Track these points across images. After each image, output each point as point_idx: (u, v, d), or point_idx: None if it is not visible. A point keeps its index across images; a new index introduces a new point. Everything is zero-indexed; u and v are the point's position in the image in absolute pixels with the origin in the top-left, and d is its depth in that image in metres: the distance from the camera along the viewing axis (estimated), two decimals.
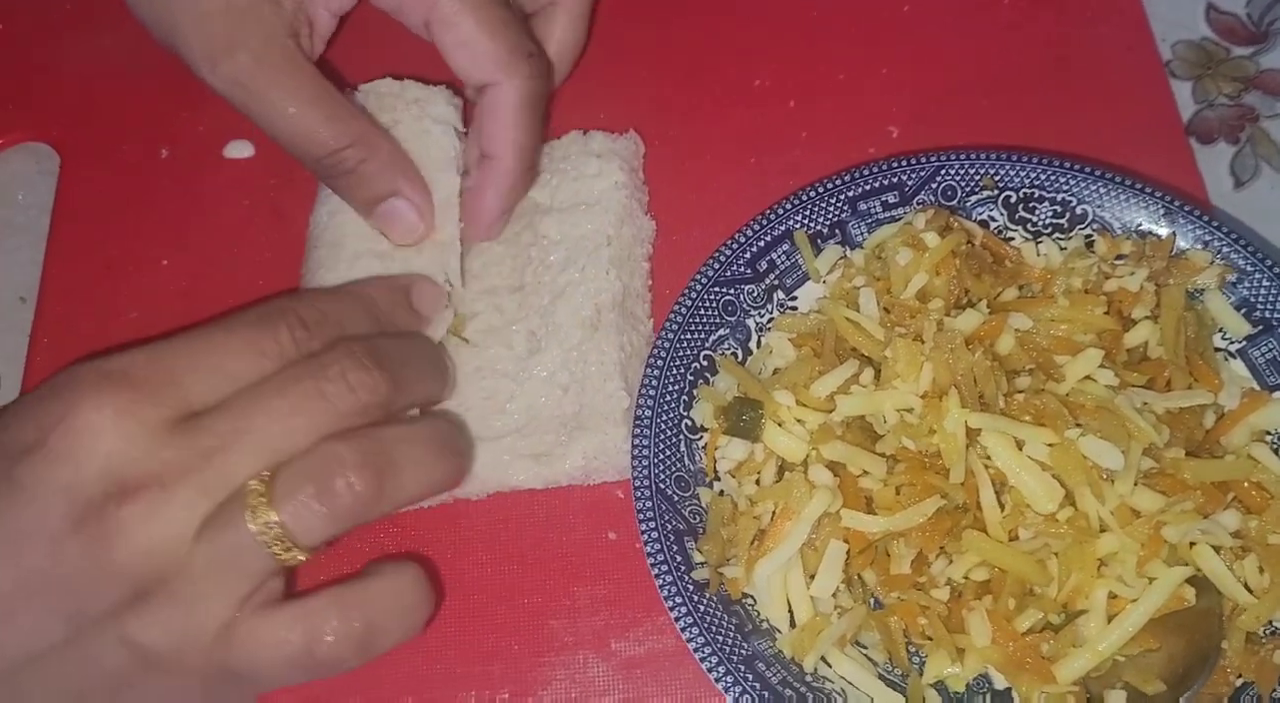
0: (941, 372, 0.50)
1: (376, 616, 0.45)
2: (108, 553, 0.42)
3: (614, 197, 0.60)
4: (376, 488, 0.44)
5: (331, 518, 0.44)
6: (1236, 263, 0.55)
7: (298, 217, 0.65)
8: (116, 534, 0.42)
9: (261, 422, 0.44)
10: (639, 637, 0.54)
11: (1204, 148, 0.66)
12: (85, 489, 0.41)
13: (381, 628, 0.46)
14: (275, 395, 0.45)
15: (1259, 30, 0.70)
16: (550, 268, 0.58)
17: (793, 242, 0.58)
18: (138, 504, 0.42)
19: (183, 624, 0.43)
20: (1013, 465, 0.49)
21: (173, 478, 0.42)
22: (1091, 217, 0.57)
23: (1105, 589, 0.48)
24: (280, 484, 0.43)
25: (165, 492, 0.42)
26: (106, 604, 0.42)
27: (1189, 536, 0.47)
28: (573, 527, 0.57)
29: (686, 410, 0.54)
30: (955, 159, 0.58)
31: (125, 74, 0.71)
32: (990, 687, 0.50)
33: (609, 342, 0.56)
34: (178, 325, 0.62)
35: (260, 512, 0.43)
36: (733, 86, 0.68)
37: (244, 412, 0.44)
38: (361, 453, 0.44)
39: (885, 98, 0.67)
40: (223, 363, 0.45)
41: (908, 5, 0.70)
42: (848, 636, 0.50)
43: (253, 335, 0.46)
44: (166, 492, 0.42)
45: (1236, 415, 0.52)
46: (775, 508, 0.51)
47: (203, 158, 0.68)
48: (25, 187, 0.69)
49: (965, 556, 0.49)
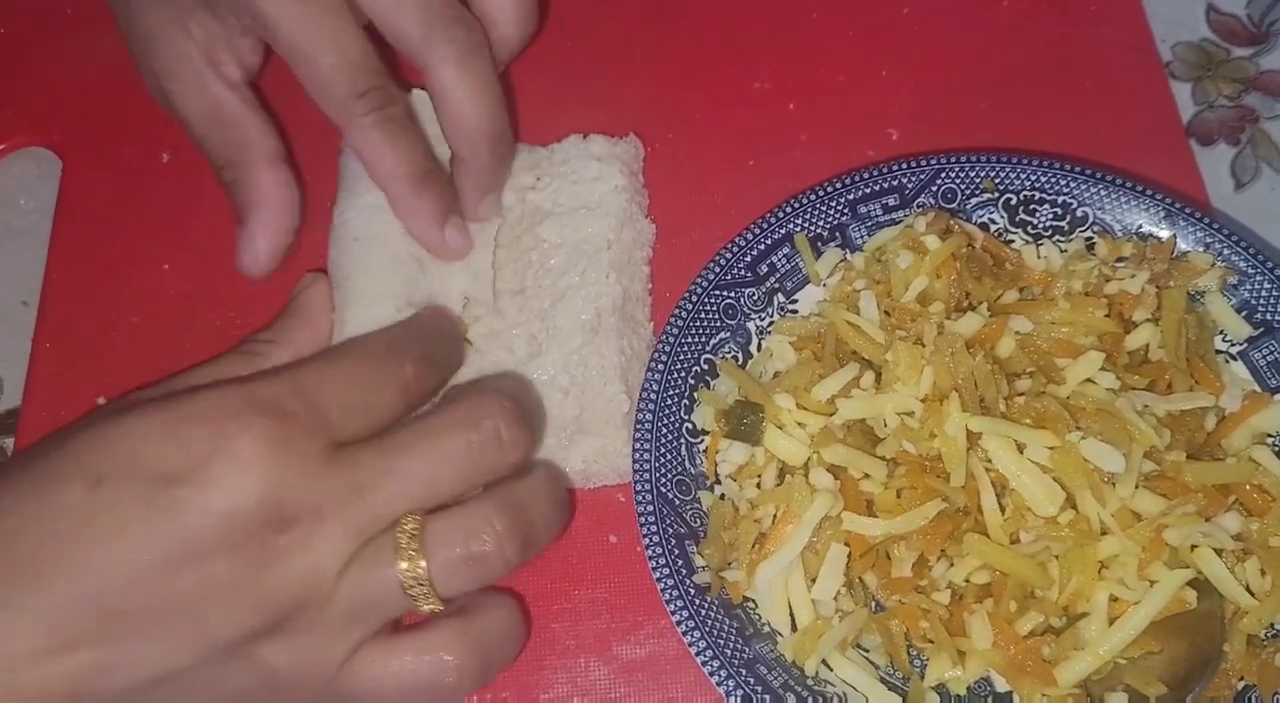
0: (942, 375, 0.50)
1: (493, 648, 0.48)
2: (259, 580, 0.42)
3: (614, 200, 0.60)
4: (520, 554, 0.47)
5: (475, 578, 0.46)
6: (1237, 265, 0.55)
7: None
8: (271, 563, 0.42)
9: (413, 466, 0.45)
10: (640, 640, 0.54)
11: (1204, 149, 0.66)
12: (244, 517, 0.42)
13: (497, 660, 0.48)
14: (429, 441, 0.46)
15: (1259, 31, 0.70)
16: (550, 272, 0.58)
17: (793, 245, 0.58)
18: (294, 534, 0.43)
19: (314, 653, 0.44)
20: (1013, 469, 0.49)
21: (328, 511, 0.43)
22: (1092, 219, 0.57)
23: (1106, 592, 0.48)
24: (433, 536, 0.45)
25: (321, 524, 0.43)
26: (246, 629, 0.43)
27: (1190, 538, 0.47)
28: (573, 530, 0.57)
29: (687, 414, 0.54)
30: (955, 162, 0.58)
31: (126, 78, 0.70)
32: (991, 690, 0.50)
33: (609, 345, 0.56)
34: (180, 328, 0.63)
35: (411, 558, 0.44)
36: (732, 89, 0.68)
37: (396, 453, 0.45)
38: (512, 520, 0.46)
39: (885, 100, 0.67)
40: (361, 397, 0.46)
41: (907, 7, 0.70)
42: (849, 639, 0.50)
43: (381, 372, 0.48)
44: (323, 525, 0.43)
45: (1238, 418, 0.52)
46: (776, 511, 0.51)
47: (203, 162, 0.67)
48: (27, 191, 0.69)
49: (966, 559, 0.49)
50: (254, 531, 0.42)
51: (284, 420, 0.43)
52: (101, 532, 0.41)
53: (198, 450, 0.42)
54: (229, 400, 0.44)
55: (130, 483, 0.41)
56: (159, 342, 0.63)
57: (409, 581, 0.44)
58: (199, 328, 0.63)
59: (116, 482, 0.41)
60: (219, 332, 0.63)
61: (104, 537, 0.41)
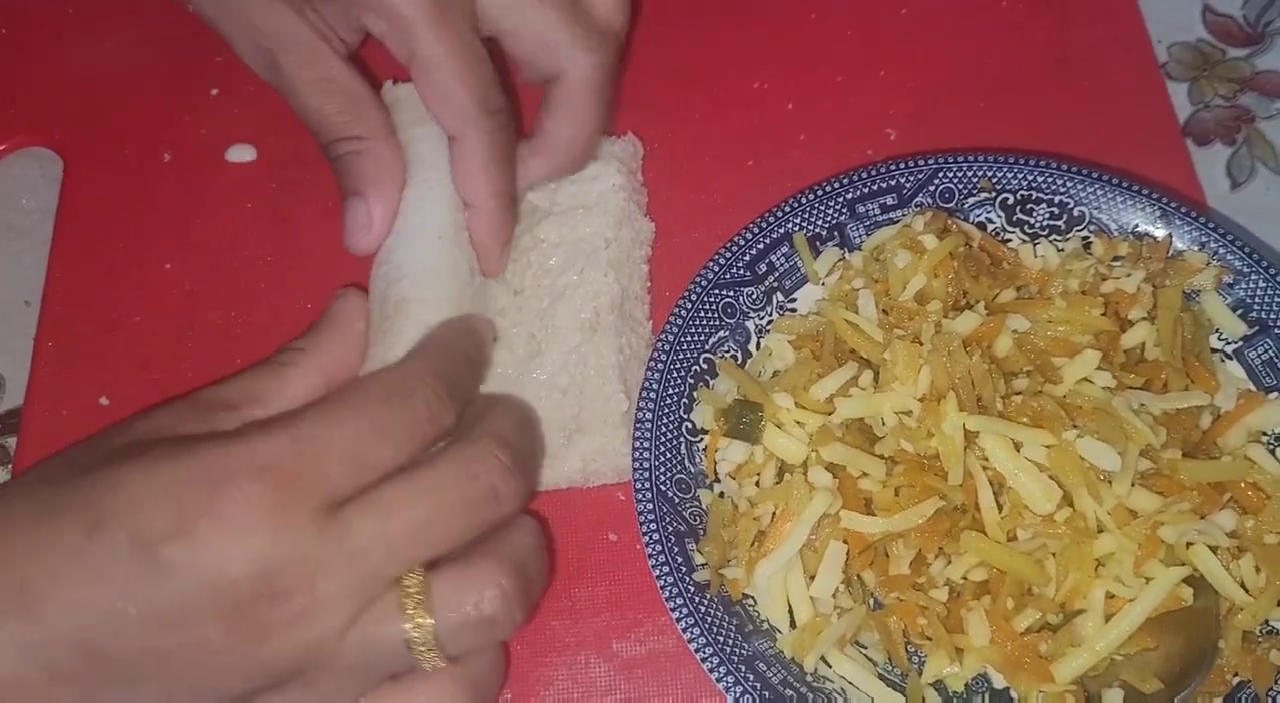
0: (940, 374, 0.51)
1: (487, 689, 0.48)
2: (253, 650, 0.42)
3: (613, 199, 0.60)
4: (526, 615, 0.46)
5: (484, 639, 0.46)
6: (1233, 264, 0.55)
7: (299, 220, 0.66)
8: (265, 635, 0.42)
9: (409, 528, 0.44)
10: (640, 637, 0.55)
11: (1200, 149, 0.66)
12: (234, 587, 0.41)
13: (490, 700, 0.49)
14: (426, 500, 0.44)
15: (1255, 32, 0.70)
16: (549, 271, 0.58)
17: (792, 244, 0.58)
18: (289, 607, 0.42)
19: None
20: (1011, 467, 0.49)
21: (324, 581, 0.42)
22: (1089, 219, 0.58)
23: (1103, 589, 0.48)
24: (439, 596, 0.44)
25: (315, 596, 0.42)
26: (238, 690, 0.43)
27: (1186, 536, 0.48)
28: (574, 528, 0.57)
29: (687, 412, 0.55)
30: (953, 162, 0.58)
31: (127, 78, 0.71)
32: (989, 686, 0.50)
33: (608, 344, 0.57)
34: (181, 328, 0.63)
35: (416, 617, 0.43)
36: (731, 89, 0.68)
37: (391, 514, 0.44)
38: (516, 580, 0.46)
39: (883, 100, 0.67)
40: (365, 451, 0.44)
41: (905, 8, 0.70)
42: (847, 636, 0.50)
43: (390, 419, 0.46)
44: (317, 596, 0.42)
45: (1233, 416, 0.53)
46: (775, 509, 0.51)
47: (205, 162, 0.68)
48: (29, 191, 0.70)
49: (964, 556, 0.49)
50: (245, 601, 0.41)
51: (279, 485, 0.42)
52: (93, 578, 0.40)
53: (190, 512, 0.41)
54: (227, 461, 0.42)
55: (123, 535, 0.41)
56: (160, 342, 0.63)
57: (415, 641, 0.44)
58: (200, 328, 0.63)
59: (111, 531, 0.41)
60: (220, 331, 0.63)
61: (95, 583, 0.40)
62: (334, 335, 0.53)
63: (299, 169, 0.67)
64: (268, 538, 0.41)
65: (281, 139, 0.68)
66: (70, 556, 0.41)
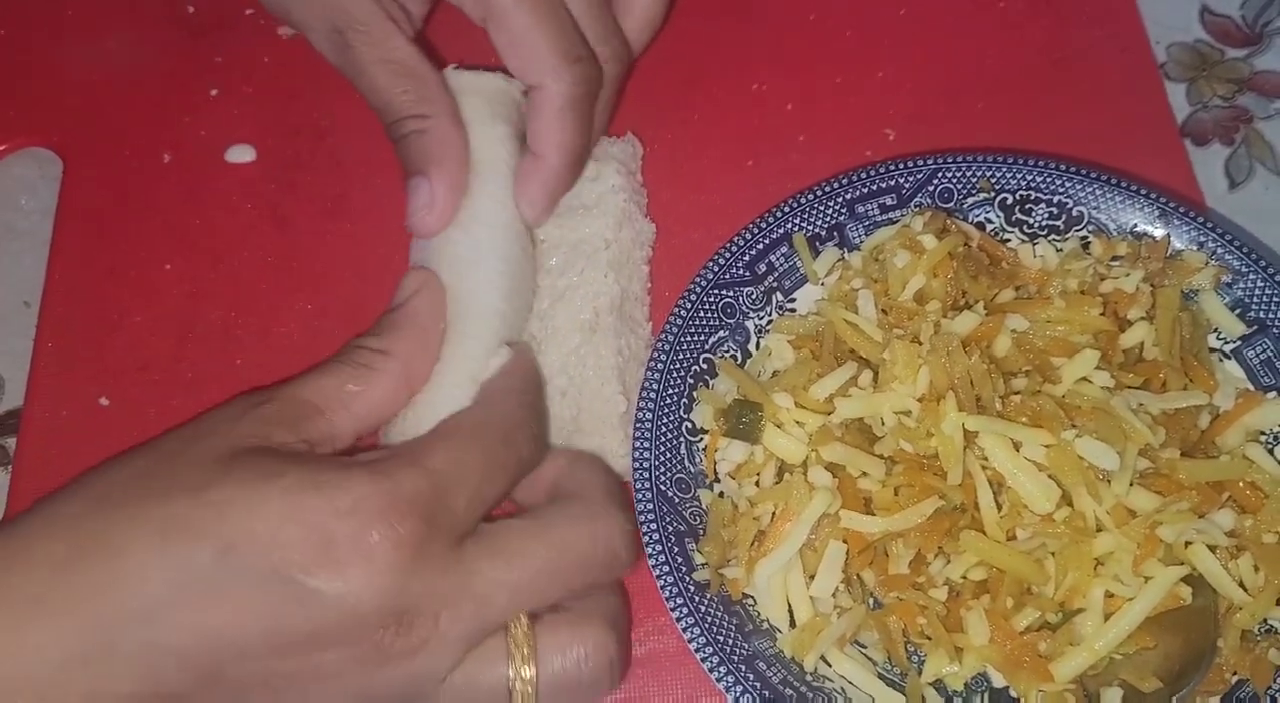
0: (939, 374, 0.51)
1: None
2: (367, 677, 0.43)
3: (612, 200, 0.60)
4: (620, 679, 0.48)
5: (577, 697, 0.47)
6: (1231, 264, 0.55)
7: (299, 220, 0.66)
8: (382, 664, 0.43)
9: (532, 575, 0.45)
10: (640, 637, 0.55)
11: (1198, 150, 0.67)
12: (367, 617, 0.42)
13: None
14: (551, 556, 0.46)
15: (1253, 32, 0.70)
16: (549, 272, 0.58)
17: (791, 244, 0.58)
18: (410, 639, 0.43)
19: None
20: (1010, 466, 0.49)
21: (447, 617, 0.43)
22: (1087, 219, 0.58)
23: (1102, 588, 0.48)
24: (545, 648, 0.45)
25: (437, 632, 0.43)
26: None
27: (1185, 535, 0.48)
28: None
29: (686, 412, 0.55)
30: (952, 162, 0.58)
31: (127, 79, 0.71)
32: (988, 685, 0.50)
33: (607, 345, 0.57)
34: (181, 328, 0.63)
35: (522, 666, 0.45)
36: (731, 90, 0.69)
37: (516, 565, 0.45)
38: (618, 647, 0.47)
39: (882, 101, 0.68)
40: (484, 488, 0.46)
41: (904, 9, 0.71)
42: (847, 635, 0.50)
43: (504, 459, 0.48)
44: (438, 633, 0.43)
45: (1231, 416, 0.53)
46: (775, 509, 0.51)
47: (204, 162, 0.68)
48: (28, 191, 0.70)
49: (963, 555, 0.49)
50: (371, 629, 0.42)
51: (423, 525, 0.43)
52: (221, 600, 0.41)
53: (340, 547, 0.42)
54: (376, 498, 0.43)
55: (262, 561, 0.41)
56: (160, 342, 0.63)
57: (517, 689, 0.45)
58: (201, 328, 0.63)
59: (248, 556, 0.41)
60: (221, 331, 0.63)
61: (222, 606, 0.41)
62: (417, 340, 0.51)
63: (299, 170, 0.67)
64: (408, 574, 0.42)
65: (281, 139, 0.68)
66: (200, 579, 0.41)
